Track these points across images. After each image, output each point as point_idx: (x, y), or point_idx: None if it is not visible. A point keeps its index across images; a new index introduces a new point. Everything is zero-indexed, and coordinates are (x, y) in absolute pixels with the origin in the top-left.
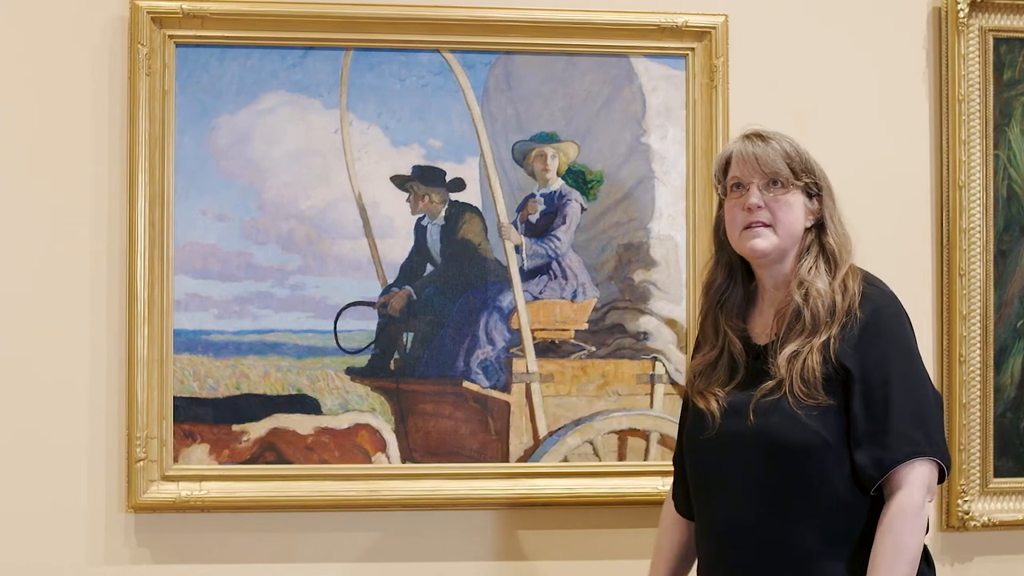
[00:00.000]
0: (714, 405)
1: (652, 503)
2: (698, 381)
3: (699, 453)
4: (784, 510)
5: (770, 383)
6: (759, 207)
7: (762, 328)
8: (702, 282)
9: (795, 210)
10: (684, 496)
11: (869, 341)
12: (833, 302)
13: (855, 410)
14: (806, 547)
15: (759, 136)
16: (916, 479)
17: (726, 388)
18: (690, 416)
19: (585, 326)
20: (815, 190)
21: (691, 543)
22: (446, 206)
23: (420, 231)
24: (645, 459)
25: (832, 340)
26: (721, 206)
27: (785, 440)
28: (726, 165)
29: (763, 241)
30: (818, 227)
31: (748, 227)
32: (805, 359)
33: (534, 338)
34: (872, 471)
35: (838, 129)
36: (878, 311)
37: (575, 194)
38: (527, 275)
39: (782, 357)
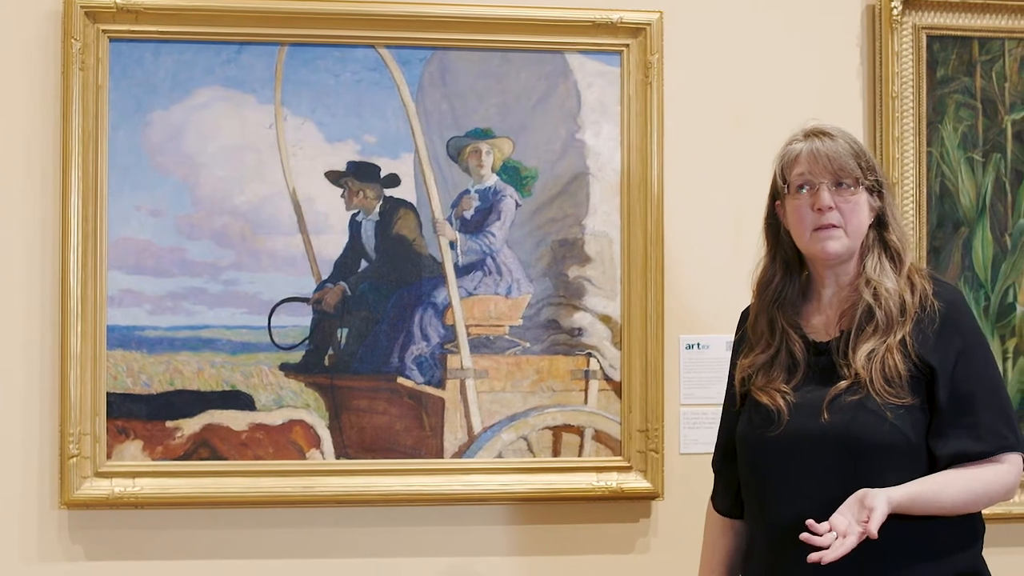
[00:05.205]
0: (780, 402)
1: (586, 499)
2: (757, 378)
3: (759, 451)
4: None
5: (844, 383)
6: (830, 208)
7: (822, 325)
8: (755, 279)
9: (863, 210)
10: (727, 494)
11: (949, 335)
12: (902, 300)
13: (941, 403)
14: (877, 548)
15: (823, 133)
16: (1008, 466)
17: (789, 384)
18: (749, 413)
19: (519, 322)
20: (877, 187)
21: (740, 549)
22: (381, 202)
23: (355, 227)
24: (579, 455)
25: (908, 338)
26: (775, 200)
27: (868, 439)
28: (791, 163)
29: (836, 243)
30: (878, 223)
31: (818, 229)
32: (884, 358)
33: (469, 334)
34: (960, 461)
35: (772, 125)
36: (953, 305)
37: (510, 190)
38: (462, 271)
39: (859, 356)
